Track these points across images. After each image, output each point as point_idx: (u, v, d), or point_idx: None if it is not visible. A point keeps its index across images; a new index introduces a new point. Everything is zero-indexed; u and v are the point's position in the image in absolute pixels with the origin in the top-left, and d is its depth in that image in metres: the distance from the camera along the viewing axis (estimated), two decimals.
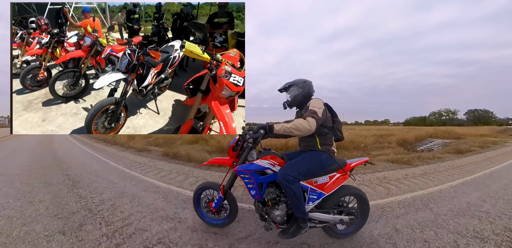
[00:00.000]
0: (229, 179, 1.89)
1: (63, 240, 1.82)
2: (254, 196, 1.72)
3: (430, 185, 3.41)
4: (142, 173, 4.12)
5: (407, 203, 2.65)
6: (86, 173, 4.16)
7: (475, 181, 3.67)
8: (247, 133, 1.67)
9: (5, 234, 1.90)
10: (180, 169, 4.52)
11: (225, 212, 1.99)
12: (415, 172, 4.28)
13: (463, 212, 2.39)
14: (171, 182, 3.53)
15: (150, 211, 2.40)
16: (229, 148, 1.90)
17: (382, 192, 3.06)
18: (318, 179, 1.73)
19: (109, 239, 1.83)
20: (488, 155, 6.60)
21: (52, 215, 2.28)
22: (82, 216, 2.26)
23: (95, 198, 2.78)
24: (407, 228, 2.04)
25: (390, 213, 2.36)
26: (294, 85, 1.86)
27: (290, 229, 1.62)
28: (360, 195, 1.87)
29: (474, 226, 2.09)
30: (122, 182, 3.56)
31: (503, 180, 3.73)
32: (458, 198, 2.84)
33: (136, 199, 2.77)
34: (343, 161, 1.83)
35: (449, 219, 2.22)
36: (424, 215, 2.32)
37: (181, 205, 2.57)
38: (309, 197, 1.69)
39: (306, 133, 1.53)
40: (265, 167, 1.71)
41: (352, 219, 1.77)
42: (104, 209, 2.44)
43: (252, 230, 1.98)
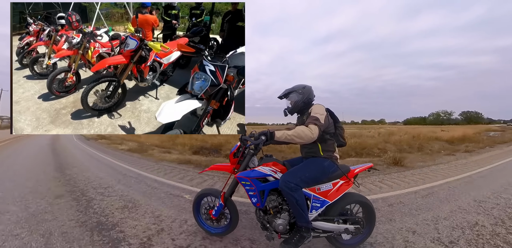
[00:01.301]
0: (230, 186, 1.85)
1: None
2: (256, 204, 1.67)
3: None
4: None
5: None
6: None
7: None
8: (249, 140, 1.66)
9: None
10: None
11: (225, 220, 1.94)
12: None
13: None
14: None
15: None
16: (230, 154, 1.88)
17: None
18: (321, 186, 1.69)
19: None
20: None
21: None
22: None
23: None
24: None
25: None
26: (294, 91, 1.86)
27: (292, 239, 1.57)
28: (365, 203, 1.81)
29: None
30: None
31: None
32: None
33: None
34: (347, 168, 1.80)
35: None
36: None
37: None
38: (312, 205, 1.64)
39: (308, 141, 1.51)
40: (266, 174, 1.68)
41: (358, 228, 1.70)
42: None
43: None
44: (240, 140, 1.77)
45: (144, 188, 3.39)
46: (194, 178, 4.08)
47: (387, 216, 2.39)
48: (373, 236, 1.93)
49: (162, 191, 3.27)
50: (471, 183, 3.74)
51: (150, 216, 2.40)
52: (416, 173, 4.48)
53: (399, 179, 3.98)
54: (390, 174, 4.44)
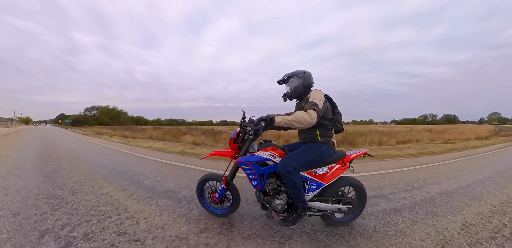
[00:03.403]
0: (231, 171, 1.93)
1: None
2: (256, 187, 1.76)
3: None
4: None
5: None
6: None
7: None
8: (248, 125, 1.66)
9: None
10: None
11: (228, 202, 2.05)
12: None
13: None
14: None
15: None
16: (230, 140, 1.92)
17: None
18: (318, 170, 1.78)
19: None
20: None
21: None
22: None
23: None
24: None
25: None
26: (294, 76, 1.84)
27: (290, 217, 1.69)
28: (358, 186, 1.92)
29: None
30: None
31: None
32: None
33: None
34: (343, 153, 1.87)
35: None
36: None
37: None
38: (309, 187, 1.74)
39: (307, 125, 1.54)
40: (266, 159, 1.74)
41: (350, 208, 1.83)
42: None
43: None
44: (240, 126, 1.79)
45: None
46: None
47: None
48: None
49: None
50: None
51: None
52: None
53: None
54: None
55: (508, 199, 2.61)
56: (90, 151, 6.83)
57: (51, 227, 1.84)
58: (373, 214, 2.14)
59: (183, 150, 6.79)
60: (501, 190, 2.95)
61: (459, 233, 1.81)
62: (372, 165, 4.53)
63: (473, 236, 1.77)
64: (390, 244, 1.64)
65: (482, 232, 1.82)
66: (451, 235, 1.78)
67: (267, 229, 1.84)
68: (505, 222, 2.01)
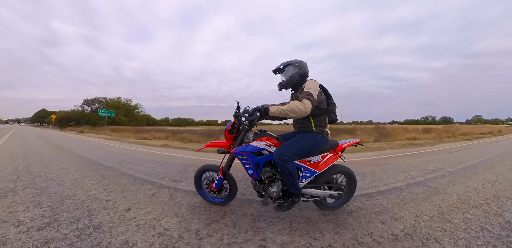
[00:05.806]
0: (227, 161, 1.96)
1: None
2: (252, 175, 1.81)
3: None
4: None
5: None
6: None
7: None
8: (243, 116, 1.68)
9: None
10: None
11: (225, 191, 2.10)
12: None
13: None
14: None
15: None
16: (226, 131, 1.93)
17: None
18: (312, 159, 1.84)
19: None
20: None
21: None
22: None
23: None
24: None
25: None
26: (290, 65, 1.83)
27: (285, 203, 1.77)
28: (349, 173, 2.02)
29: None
30: None
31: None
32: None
33: None
34: (335, 142, 1.93)
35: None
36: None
37: None
38: (303, 175, 1.81)
39: (302, 115, 1.56)
40: (261, 148, 1.78)
41: (340, 194, 1.93)
42: None
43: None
44: (235, 116, 1.79)
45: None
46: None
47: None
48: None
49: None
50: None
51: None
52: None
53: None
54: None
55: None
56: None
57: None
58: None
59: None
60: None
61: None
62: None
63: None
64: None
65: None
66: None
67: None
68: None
